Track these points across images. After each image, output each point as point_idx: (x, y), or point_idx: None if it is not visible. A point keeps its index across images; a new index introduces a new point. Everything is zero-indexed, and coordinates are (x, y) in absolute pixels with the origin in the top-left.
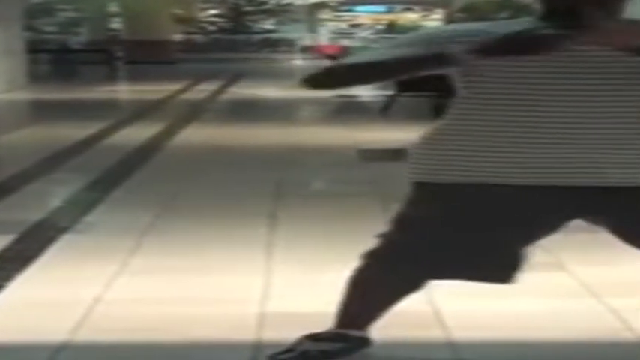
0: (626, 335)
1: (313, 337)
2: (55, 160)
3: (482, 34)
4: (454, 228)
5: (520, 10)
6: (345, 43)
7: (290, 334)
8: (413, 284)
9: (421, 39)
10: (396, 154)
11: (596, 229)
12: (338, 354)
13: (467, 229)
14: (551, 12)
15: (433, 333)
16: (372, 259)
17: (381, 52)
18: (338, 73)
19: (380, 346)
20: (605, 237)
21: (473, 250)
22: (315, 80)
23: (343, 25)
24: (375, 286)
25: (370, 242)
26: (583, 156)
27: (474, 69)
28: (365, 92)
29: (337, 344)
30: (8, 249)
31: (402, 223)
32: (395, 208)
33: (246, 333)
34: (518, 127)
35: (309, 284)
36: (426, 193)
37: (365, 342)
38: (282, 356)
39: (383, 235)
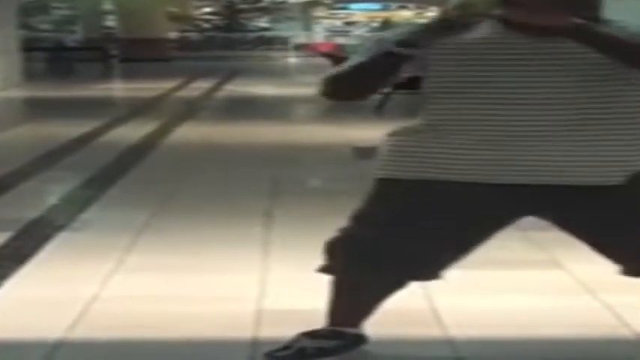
0: (622, 332)
1: (310, 335)
2: (50, 158)
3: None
4: (404, 224)
5: None
6: (340, 40)
7: (287, 331)
8: (385, 282)
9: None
10: None
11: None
12: (335, 351)
13: (415, 225)
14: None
15: (430, 330)
16: (330, 252)
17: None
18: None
19: (377, 343)
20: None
21: (424, 247)
22: (330, 91)
23: (338, 23)
24: (347, 284)
25: None
26: (538, 154)
27: (426, 65)
28: None
29: (334, 341)
30: (4, 247)
31: (360, 218)
32: None
33: (243, 331)
34: (475, 124)
35: (305, 282)
36: (382, 189)
37: (360, 339)
38: (279, 353)
39: (343, 230)
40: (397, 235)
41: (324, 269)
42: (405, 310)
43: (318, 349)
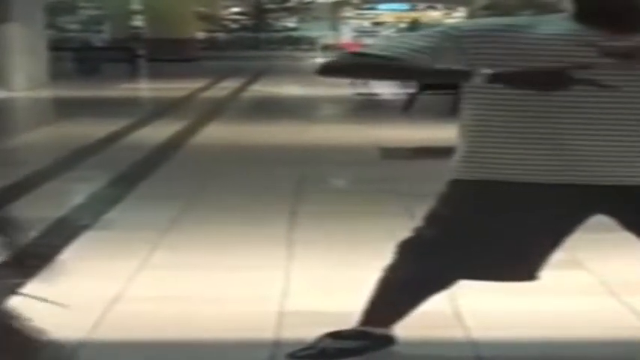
0: None
1: (334, 335)
2: (76, 158)
3: (502, 30)
4: (482, 226)
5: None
6: (368, 41)
7: (309, 332)
8: (440, 282)
9: (437, 38)
10: (417, 152)
11: (614, 228)
12: (358, 352)
13: (495, 227)
14: (581, 12)
15: (453, 332)
16: (402, 254)
17: (400, 48)
18: (359, 64)
19: (401, 345)
20: (622, 235)
21: (501, 248)
22: (328, 68)
23: (366, 23)
24: (404, 284)
25: (390, 240)
26: (608, 155)
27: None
28: (386, 90)
29: (358, 342)
30: (30, 245)
31: (432, 219)
32: (415, 206)
33: (265, 331)
34: (548, 126)
35: (329, 282)
36: (457, 190)
37: (388, 340)
38: (301, 354)
39: (415, 230)
40: (469, 236)
41: (393, 268)
42: (428, 312)
43: (340, 350)
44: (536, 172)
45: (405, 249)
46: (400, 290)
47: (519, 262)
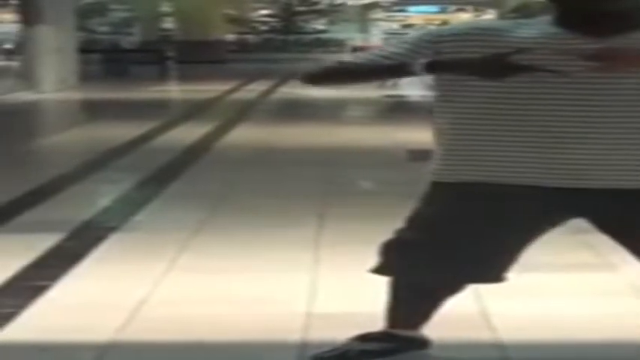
0: None
1: (361, 338)
2: (105, 160)
3: (478, 33)
4: (463, 227)
5: None
6: None
7: (336, 334)
8: (431, 283)
9: (413, 44)
10: None
11: None
12: (383, 354)
13: (470, 229)
14: (562, 15)
15: (480, 334)
16: (385, 254)
17: (372, 56)
18: (324, 73)
19: (431, 347)
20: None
21: (476, 250)
22: (307, 77)
23: (395, 26)
24: (403, 286)
25: None
26: (591, 158)
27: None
28: (416, 92)
29: (384, 344)
30: (57, 247)
31: (415, 221)
32: None
33: (292, 333)
34: (531, 127)
35: (356, 284)
36: (437, 192)
37: (417, 342)
38: (324, 355)
39: (398, 232)
40: (452, 238)
41: (377, 270)
42: (454, 313)
43: (364, 352)
44: (513, 174)
45: (387, 251)
46: (407, 293)
47: (492, 264)
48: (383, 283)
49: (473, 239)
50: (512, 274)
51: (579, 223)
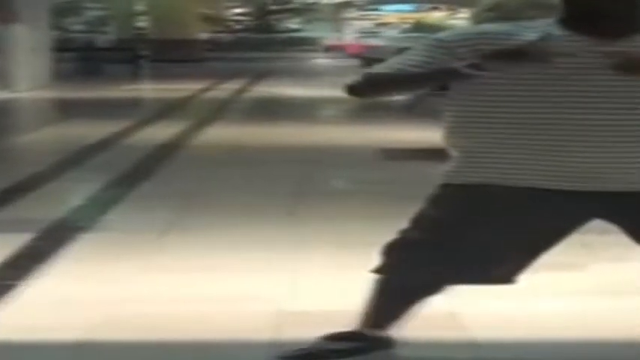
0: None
1: (330, 337)
2: (78, 158)
3: (493, 36)
4: (471, 229)
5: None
6: (371, 42)
7: (309, 332)
8: (428, 284)
9: (431, 50)
10: (419, 154)
11: (609, 230)
12: (351, 353)
13: (483, 229)
14: (571, 16)
15: (451, 333)
16: (388, 254)
17: (400, 63)
18: (374, 83)
19: (400, 346)
20: (619, 237)
21: (486, 251)
22: (354, 90)
23: (369, 25)
24: (393, 285)
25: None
26: (602, 161)
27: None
28: None
29: (352, 343)
30: (29, 246)
31: (420, 222)
32: (415, 209)
33: (265, 332)
34: (543, 130)
35: (329, 283)
36: (447, 194)
37: (384, 342)
38: (291, 354)
39: (403, 232)
40: (462, 239)
41: (379, 270)
42: (427, 312)
43: (331, 351)
44: (528, 177)
45: (391, 252)
46: (392, 293)
47: (502, 265)
48: (354, 282)
49: (483, 240)
50: None
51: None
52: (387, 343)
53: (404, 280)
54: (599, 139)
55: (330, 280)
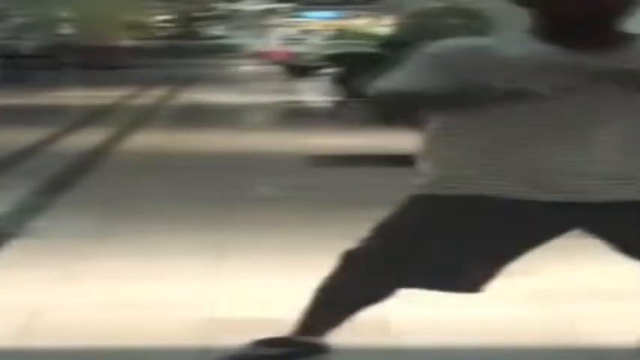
0: (576, 340)
1: (262, 342)
2: (3, 165)
3: (486, 51)
4: (441, 238)
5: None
6: (295, 48)
7: (239, 339)
8: (382, 293)
9: (429, 64)
10: (346, 160)
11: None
12: (282, 359)
13: (454, 240)
14: (552, 29)
15: (381, 339)
16: (349, 262)
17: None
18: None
19: (331, 352)
20: (555, 245)
21: (454, 261)
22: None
23: (293, 31)
24: (345, 292)
25: (318, 248)
26: (579, 171)
27: None
28: (313, 97)
29: (281, 349)
30: None
31: (386, 231)
32: (341, 214)
33: (194, 339)
34: (518, 143)
35: (257, 290)
36: (419, 204)
37: (316, 349)
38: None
39: (364, 240)
40: (429, 248)
41: (334, 277)
42: (357, 318)
43: (262, 357)
44: (499, 187)
45: (352, 260)
46: (340, 301)
47: (469, 274)
48: (282, 288)
49: (452, 250)
50: None
51: None
52: (320, 350)
53: (357, 288)
54: (585, 151)
55: (258, 287)
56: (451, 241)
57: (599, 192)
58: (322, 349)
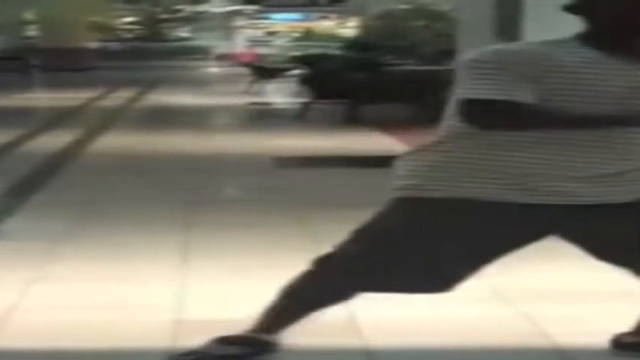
0: (539, 341)
1: (220, 341)
2: None
3: (539, 56)
4: (422, 241)
5: (437, 19)
6: (261, 50)
7: (204, 341)
8: (351, 295)
9: (512, 69)
10: (312, 161)
11: None
12: (239, 357)
13: (438, 241)
14: (604, 37)
15: (348, 340)
16: (322, 266)
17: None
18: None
19: (295, 353)
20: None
21: (438, 262)
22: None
23: (259, 33)
24: (313, 294)
25: (283, 249)
26: (564, 174)
27: None
28: (280, 99)
29: (240, 347)
30: None
31: (367, 234)
32: (308, 215)
33: (160, 340)
34: (504, 147)
35: (223, 291)
36: (404, 207)
37: (272, 346)
38: (183, 358)
39: (342, 244)
40: (408, 250)
41: (306, 278)
42: (323, 319)
43: (221, 356)
44: (490, 191)
45: (326, 263)
46: (306, 302)
47: (444, 275)
48: (249, 289)
49: (433, 251)
50: None
51: None
52: (274, 347)
53: (328, 290)
54: (565, 155)
55: (224, 288)
56: (435, 242)
57: (583, 194)
58: (275, 346)
